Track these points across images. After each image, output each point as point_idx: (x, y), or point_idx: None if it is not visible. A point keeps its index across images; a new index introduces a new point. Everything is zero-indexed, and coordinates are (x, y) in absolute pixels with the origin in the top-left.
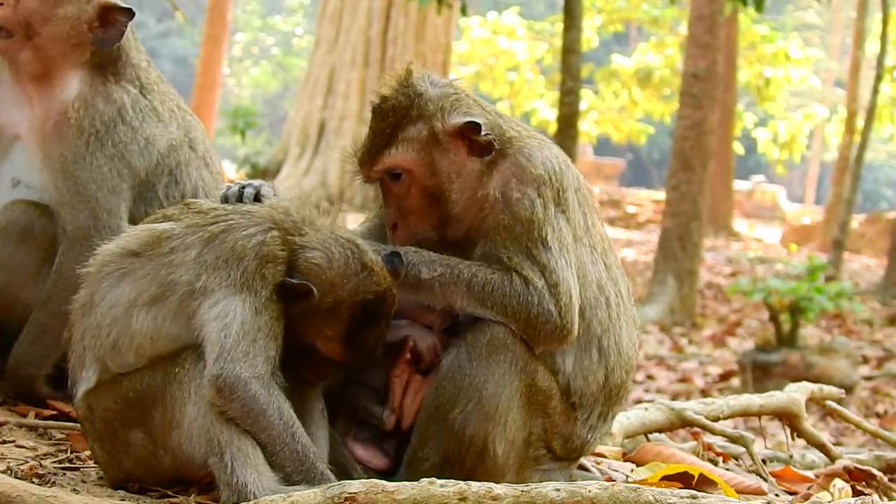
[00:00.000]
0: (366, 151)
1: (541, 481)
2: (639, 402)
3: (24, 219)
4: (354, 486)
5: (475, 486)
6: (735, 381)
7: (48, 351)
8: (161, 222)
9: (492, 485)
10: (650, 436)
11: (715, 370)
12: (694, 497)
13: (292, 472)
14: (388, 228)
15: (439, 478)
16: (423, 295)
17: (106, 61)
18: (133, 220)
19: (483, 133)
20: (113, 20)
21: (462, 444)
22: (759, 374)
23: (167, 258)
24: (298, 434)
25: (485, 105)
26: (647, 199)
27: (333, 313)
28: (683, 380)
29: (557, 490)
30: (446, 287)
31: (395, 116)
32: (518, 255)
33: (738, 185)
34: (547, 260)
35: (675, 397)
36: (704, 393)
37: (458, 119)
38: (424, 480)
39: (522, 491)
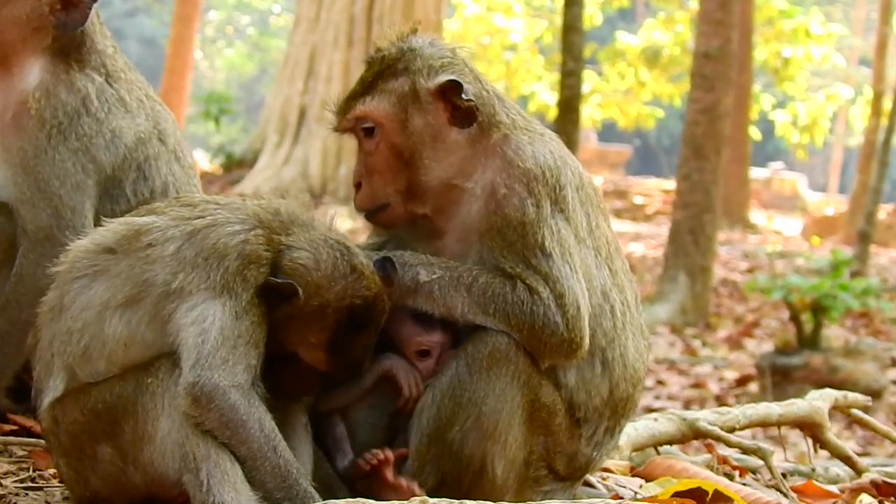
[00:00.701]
0: (343, 99)
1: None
2: (648, 410)
3: None
4: None
5: None
6: (753, 387)
7: (8, 361)
8: (143, 216)
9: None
10: (660, 448)
11: (731, 375)
12: None
13: (273, 490)
14: (353, 186)
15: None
16: (420, 299)
17: (69, 47)
18: (98, 219)
19: (465, 97)
20: (76, 2)
21: (460, 465)
22: (779, 378)
23: (144, 253)
24: (280, 448)
25: (484, 81)
26: (657, 189)
27: (318, 318)
28: (697, 385)
29: None
30: (446, 291)
31: (380, 66)
32: (518, 264)
33: (755, 172)
34: (549, 268)
35: (687, 404)
36: (719, 399)
37: (442, 77)
38: (416, 499)
39: None
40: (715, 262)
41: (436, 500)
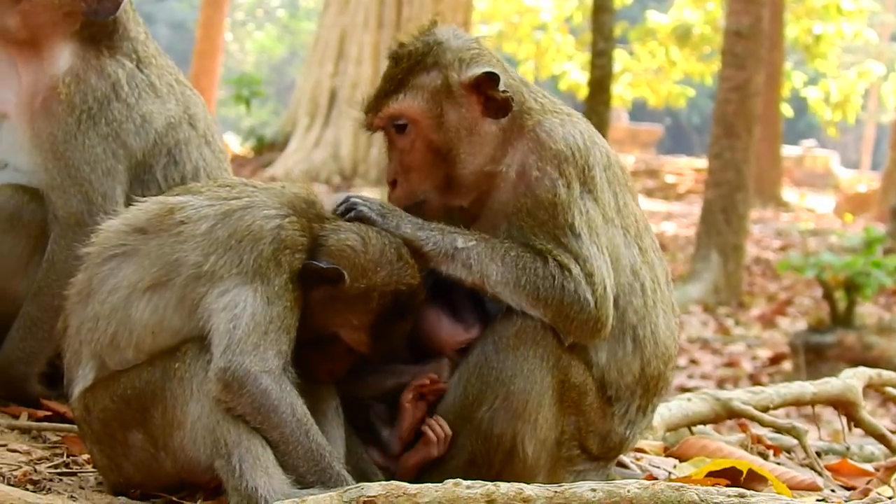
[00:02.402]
0: (373, 97)
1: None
2: (682, 389)
3: (11, 204)
4: (373, 488)
5: (504, 487)
6: (787, 365)
7: (41, 347)
8: (178, 195)
9: (522, 485)
10: (694, 428)
11: (764, 353)
12: (742, 496)
13: (306, 473)
14: (387, 184)
15: (465, 479)
16: (456, 266)
17: (100, 33)
18: (129, 205)
19: (501, 88)
20: None
21: (490, 444)
22: (813, 356)
23: (176, 230)
24: (312, 432)
25: (509, 68)
26: (688, 168)
27: (363, 301)
28: (730, 364)
29: (593, 490)
30: (482, 258)
31: (409, 62)
32: (549, 242)
33: (787, 150)
34: (578, 248)
35: (721, 383)
36: (753, 378)
37: (475, 70)
38: (449, 482)
39: (556, 492)
40: (747, 241)
41: (469, 482)
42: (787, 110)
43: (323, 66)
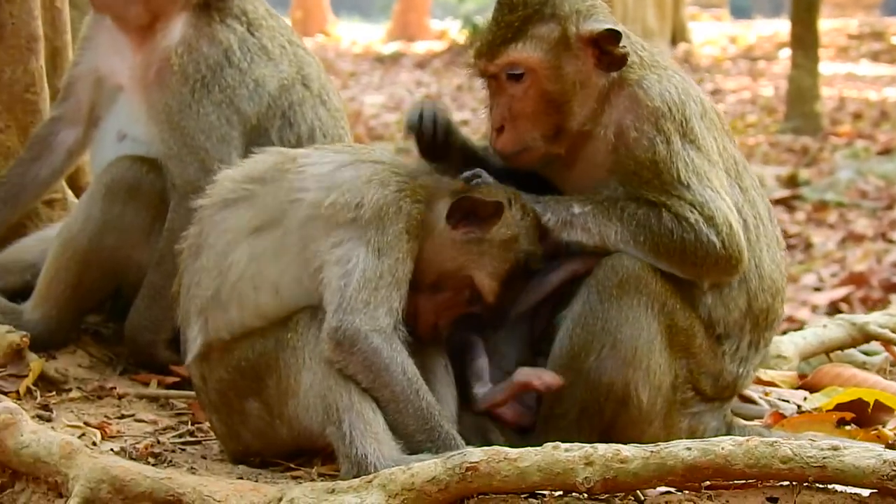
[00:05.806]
0: (487, 43)
1: (690, 426)
2: None
3: (130, 175)
4: (476, 454)
5: (602, 449)
6: None
7: (165, 314)
8: (302, 151)
9: (619, 447)
10: (839, 352)
11: None
12: (835, 448)
13: (415, 432)
14: (492, 130)
15: (578, 432)
16: (576, 232)
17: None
18: None
19: (621, 45)
20: None
21: (599, 394)
22: None
23: (298, 169)
24: (423, 391)
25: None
26: None
27: (505, 248)
28: None
29: (689, 449)
30: (599, 221)
31: (525, 10)
32: (661, 195)
33: None
34: (692, 196)
35: None
36: None
37: (595, 25)
38: (549, 445)
39: (652, 452)
40: None
41: (567, 444)
42: None
43: None
